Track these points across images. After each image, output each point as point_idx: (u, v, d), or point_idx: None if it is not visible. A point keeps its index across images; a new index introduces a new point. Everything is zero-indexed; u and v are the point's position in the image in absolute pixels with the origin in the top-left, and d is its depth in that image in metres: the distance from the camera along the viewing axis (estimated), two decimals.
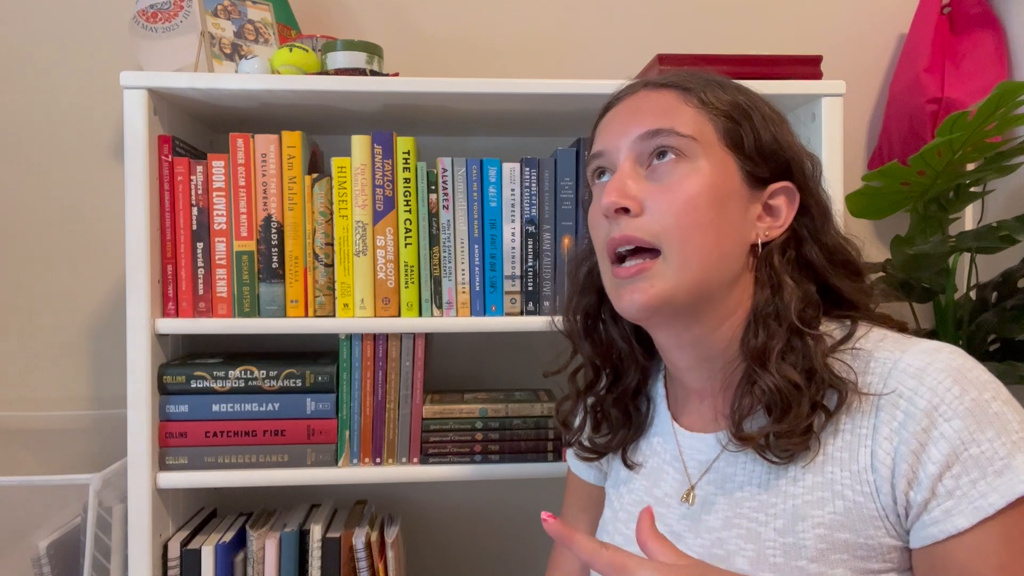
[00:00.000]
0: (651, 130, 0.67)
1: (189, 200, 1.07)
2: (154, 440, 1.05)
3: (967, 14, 1.35)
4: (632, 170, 0.68)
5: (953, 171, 1.14)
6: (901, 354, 0.62)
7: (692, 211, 0.65)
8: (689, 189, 0.65)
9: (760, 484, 0.66)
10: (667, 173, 0.66)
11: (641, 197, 0.66)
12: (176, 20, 1.18)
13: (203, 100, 1.11)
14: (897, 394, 0.60)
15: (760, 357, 0.65)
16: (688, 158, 0.66)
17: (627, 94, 0.73)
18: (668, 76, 0.72)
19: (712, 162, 0.67)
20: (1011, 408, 0.58)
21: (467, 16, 1.37)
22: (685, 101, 0.69)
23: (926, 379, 0.59)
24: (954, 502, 0.56)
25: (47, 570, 1.09)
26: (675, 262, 0.65)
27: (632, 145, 0.68)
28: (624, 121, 0.70)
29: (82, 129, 1.32)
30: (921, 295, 1.28)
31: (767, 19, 1.42)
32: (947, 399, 0.58)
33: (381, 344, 1.10)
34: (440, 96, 1.08)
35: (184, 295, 1.07)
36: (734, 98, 0.70)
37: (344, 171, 1.08)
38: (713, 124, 0.68)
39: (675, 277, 0.65)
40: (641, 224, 0.66)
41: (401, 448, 1.11)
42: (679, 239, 0.65)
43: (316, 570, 1.10)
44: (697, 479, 0.71)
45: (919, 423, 0.58)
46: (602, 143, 0.72)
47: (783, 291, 0.66)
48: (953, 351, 0.61)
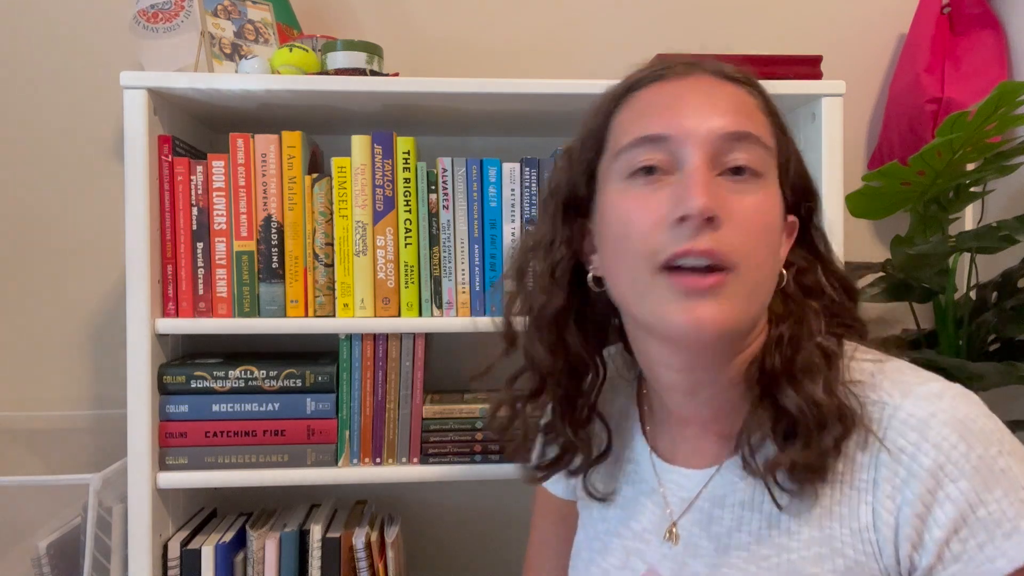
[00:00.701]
0: (739, 131, 0.58)
1: (189, 200, 1.07)
2: (154, 440, 1.05)
3: (967, 14, 1.35)
4: (712, 173, 0.58)
5: (953, 171, 1.14)
6: (902, 400, 0.57)
7: (767, 234, 0.59)
8: (768, 210, 0.59)
9: (752, 534, 0.61)
10: (747, 187, 0.59)
11: (724, 205, 0.57)
12: (176, 20, 1.18)
13: (203, 100, 1.11)
14: (899, 448, 0.56)
15: (788, 375, 0.60)
16: (764, 175, 0.60)
17: (679, 74, 0.62)
18: (732, 67, 0.63)
19: (774, 184, 0.61)
20: (1017, 458, 0.55)
21: (467, 16, 1.37)
22: (758, 105, 0.62)
23: (930, 434, 0.55)
24: (961, 566, 0.54)
25: (47, 570, 1.09)
26: (749, 285, 0.58)
27: (712, 140, 0.58)
28: (696, 103, 0.59)
29: (82, 129, 1.32)
30: (921, 295, 1.28)
31: (767, 19, 1.42)
32: (952, 457, 0.54)
33: (381, 344, 1.10)
34: (440, 96, 1.08)
35: (184, 295, 1.07)
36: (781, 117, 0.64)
37: (344, 171, 1.08)
38: (776, 140, 0.62)
39: (746, 300, 0.58)
40: (723, 238, 0.56)
41: (401, 448, 1.11)
42: (756, 263, 0.58)
43: (316, 570, 1.10)
44: (679, 515, 0.67)
45: (924, 484, 0.54)
46: (661, 125, 0.59)
47: (806, 316, 0.62)
48: (956, 396, 0.57)
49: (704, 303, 0.56)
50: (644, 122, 0.60)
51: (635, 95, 0.63)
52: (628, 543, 0.70)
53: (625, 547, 0.70)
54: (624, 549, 0.70)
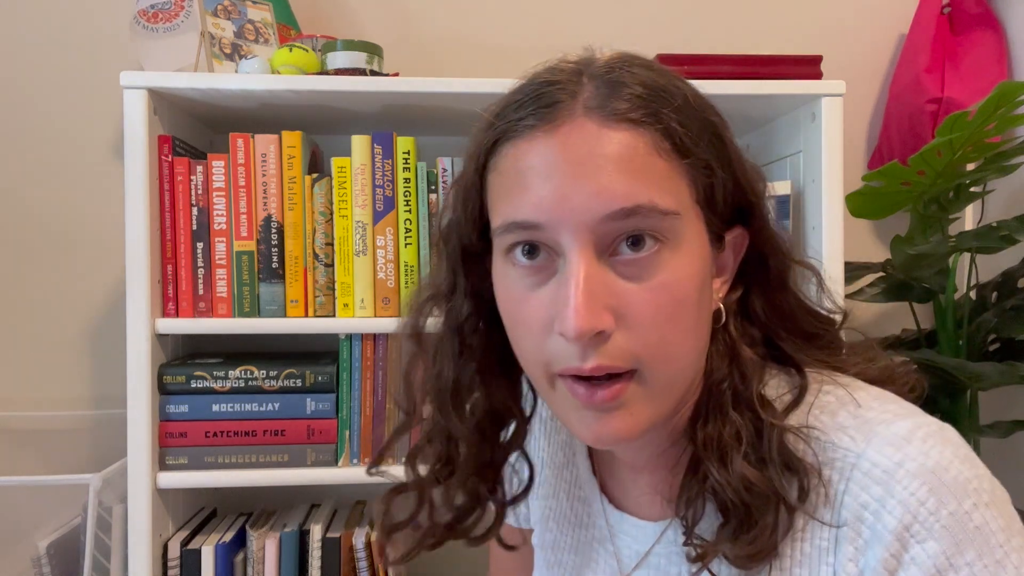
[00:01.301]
0: (623, 209, 0.47)
1: (189, 200, 1.07)
2: (154, 440, 1.05)
3: (967, 14, 1.35)
4: (596, 266, 0.48)
5: (953, 171, 1.14)
6: (865, 446, 0.50)
7: (680, 317, 0.49)
8: (677, 287, 0.49)
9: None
10: (646, 266, 0.49)
11: (615, 305, 0.48)
12: (176, 20, 1.18)
13: (203, 100, 1.11)
14: (861, 504, 0.49)
15: (713, 451, 0.53)
16: (670, 240, 0.49)
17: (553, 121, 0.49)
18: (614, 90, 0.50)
19: (691, 236, 0.50)
20: (995, 510, 0.47)
21: (467, 16, 1.37)
22: (655, 148, 0.49)
23: (895, 489, 0.48)
24: None
25: (47, 570, 1.09)
26: (660, 383, 0.50)
27: (592, 227, 0.48)
28: (569, 179, 0.48)
29: (82, 129, 1.32)
30: (921, 295, 1.28)
31: (767, 19, 1.42)
32: (920, 515, 0.47)
33: (381, 344, 1.10)
34: (440, 96, 1.08)
35: (184, 295, 1.07)
36: (710, 128, 0.52)
37: (344, 171, 1.08)
38: (690, 181, 0.50)
39: (657, 401, 0.51)
40: (618, 348, 0.48)
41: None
42: (665, 356, 0.50)
43: (316, 570, 1.10)
44: (631, 570, 0.61)
45: (888, 547, 0.47)
46: (532, 208, 0.49)
47: (742, 365, 0.54)
48: (926, 438, 0.49)
49: (607, 419, 0.50)
50: (515, 200, 0.50)
51: (505, 148, 0.52)
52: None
53: None
54: None
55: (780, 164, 1.20)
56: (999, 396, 1.29)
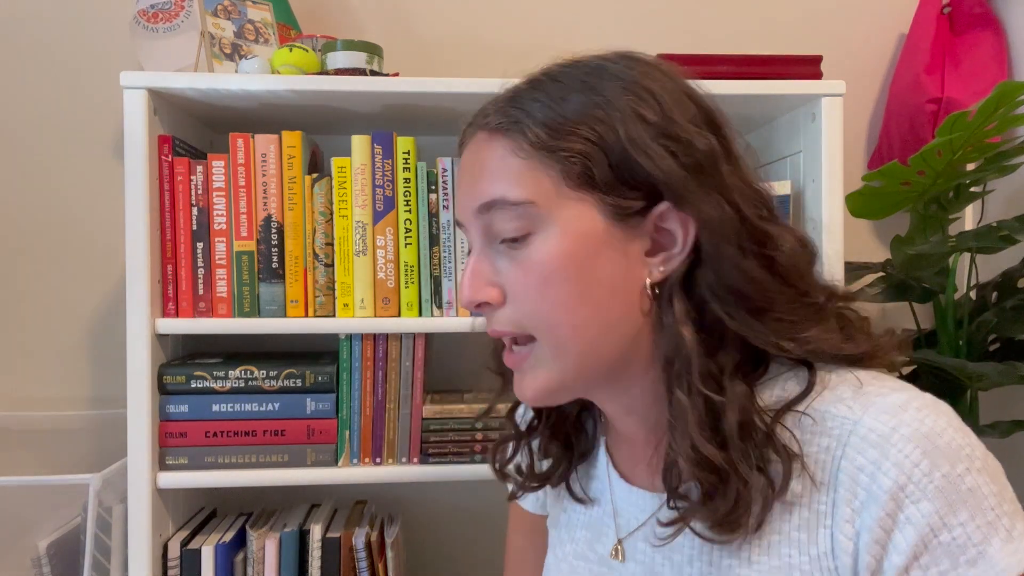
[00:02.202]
0: (484, 203, 0.58)
1: (189, 200, 1.07)
2: (154, 440, 1.05)
3: (967, 14, 1.35)
4: (484, 251, 0.60)
5: (953, 171, 1.14)
6: (862, 414, 0.53)
7: (551, 291, 0.56)
8: (544, 265, 0.56)
9: (711, 562, 0.59)
10: (519, 251, 0.58)
11: (501, 282, 0.59)
12: (176, 20, 1.18)
13: (203, 100, 1.11)
14: (857, 467, 0.52)
15: (674, 428, 0.56)
16: (536, 228, 0.57)
17: (469, 136, 0.64)
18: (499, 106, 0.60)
19: (562, 222, 0.56)
20: (986, 477, 0.51)
21: (467, 16, 1.37)
22: (515, 151, 0.57)
23: (890, 452, 0.51)
24: None
25: (47, 570, 1.09)
26: (550, 349, 0.58)
27: (474, 219, 0.60)
28: (463, 184, 0.62)
29: (82, 129, 1.32)
30: (921, 295, 1.28)
31: (767, 19, 1.42)
32: (915, 476, 0.50)
33: (381, 344, 1.10)
34: (440, 96, 1.08)
35: (184, 295, 1.07)
36: (581, 116, 0.56)
37: (344, 171, 1.08)
38: (554, 170, 0.56)
39: (556, 363, 0.58)
40: (506, 316, 0.59)
41: (401, 448, 1.11)
42: (546, 325, 0.57)
43: (316, 570, 1.10)
44: (627, 534, 0.66)
45: (883, 507, 0.50)
46: (456, 209, 0.64)
47: (683, 344, 0.55)
48: (921, 407, 0.52)
49: (519, 379, 0.61)
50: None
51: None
52: (594, 567, 0.69)
53: (591, 571, 0.69)
54: (590, 573, 0.69)
55: (780, 164, 1.20)
56: (999, 396, 1.29)
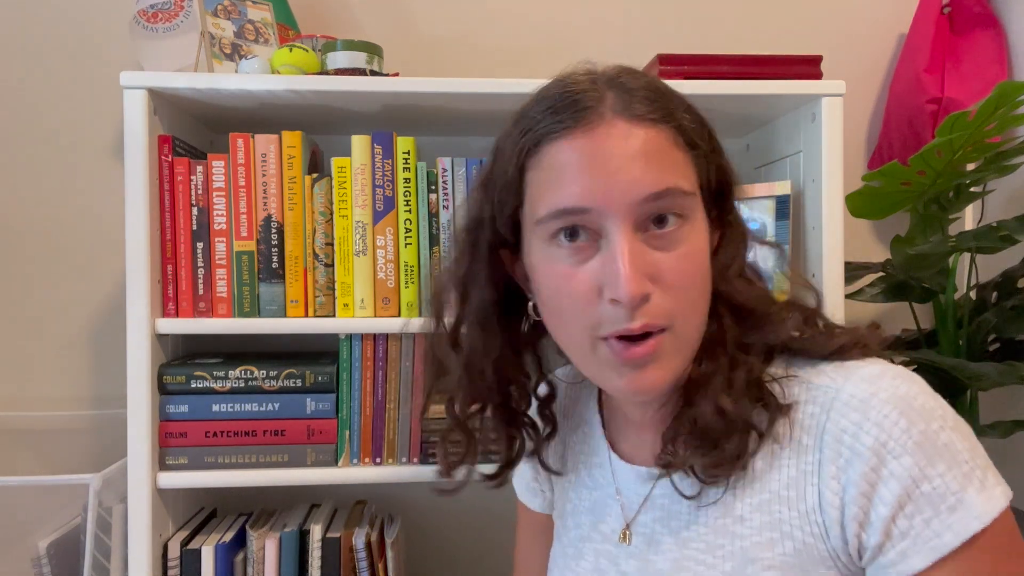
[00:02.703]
0: (658, 191, 0.57)
1: (189, 200, 1.07)
2: (154, 440, 1.05)
3: (967, 14, 1.35)
4: (636, 242, 0.57)
5: (953, 171, 1.14)
6: (844, 382, 0.59)
7: (700, 280, 0.60)
8: (696, 255, 0.60)
9: (706, 524, 0.63)
10: (671, 239, 0.58)
11: (652, 272, 0.58)
12: (176, 20, 1.18)
13: (203, 100, 1.11)
14: (841, 429, 0.57)
15: (701, 387, 0.62)
16: (688, 216, 0.59)
17: (590, 123, 0.58)
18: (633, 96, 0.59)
19: (700, 216, 0.61)
20: (959, 434, 0.55)
21: (467, 16, 1.37)
22: (674, 143, 0.59)
23: (870, 413, 0.56)
24: (909, 542, 0.54)
25: (47, 570, 1.09)
26: (684, 337, 0.60)
27: (632, 208, 0.57)
28: (613, 171, 0.57)
29: (82, 129, 1.32)
30: (921, 295, 1.28)
31: (767, 19, 1.42)
32: (894, 434, 0.55)
33: (381, 344, 1.10)
34: (440, 96, 1.08)
35: (184, 295, 1.07)
36: (707, 128, 0.62)
37: (344, 171, 1.08)
38: (696, 169, 0.61)
39: (683, 352, 0.61)
40: (657, 308, 0.58)
41: (401, 448, 1.11)
42: (691, 313, 0.60)
43: (316, 570, 1.10)
44: (633, 516, 0.69)
45: (867, 463, 0.55)
46: (579, 195, 0.57)
47: (722, 320, 0.63)
48: (896, 375, 0.58)
49: (644, 371, 0.59)
50: (560, 192, 0.58)
51: (546, 150, 0.60)
52: (599, 546, 0.71)
53: (596, 551, 0.72)
54: (595, 552, 0.72)
55: (780, 164, 1.20)
56: (999, 396, 1.29)
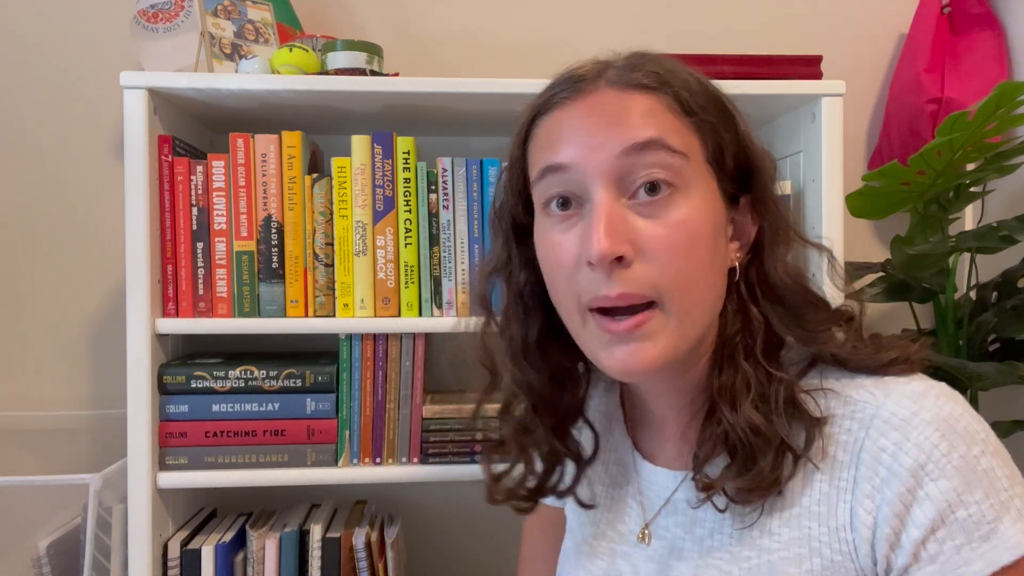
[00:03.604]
0: (638, 142, 0.55)
1: (189, 200, 1.07)
2: (154, 440, 1.05)
3: (967, 14, 1.35)
4: (616, 202, 0.56)
5: (953, 171, 1.14)
6: (884, 399, 0.56)
7: (694, 253, 0.56)
8: (689, 225, 0.56)
9: (732, 535, 0.61)
10: (661, 206, 0.56)
11: (634, 239, 0.55)
12: (176, 20, 1.18)
13: (203, 100, 1.11)
14: (880, 448, 0.55)
15: (726, 396, 0.59)
16: (681, 185, 0.56)
17: (580, 93, 0.59)
18: (635, 70, 0.58)
19: (701, 186, 0.58)
20: (1000, 460, 0.54)
21: (467, 16, 1.37)
22: (667, 107, 0.57)
23: (911, 433, 0.54)
24: (936, 567, 0.52)
25: (47, 570, 1.09)
26: (677, 314, 0.56)
27: (611, 163, 0.55)
28: (591, 128, 0.56)
29: (82, 129, 1.32)
30: (921, 295, 1.28)
31: (767, 19, 1.42)
32: (934, 456, 0.53)
33: (381, 344, 1.10)
34: (440, 96, 1.08)
35: (184, 295, 1.07)
36: (715, 98, 0.60)
37: (344, 171, 1.08)
38: (699, 137, 0.58)
39: (678, 331, 0.57)
40: (637, 276, 0.55)
41: (401, 448, 1.11)
42: (681, 286, 0.56)
43: (316, 570, 1.10)
44: (653, 517, 0.67)
45: (904, 483, 0.53)
46: (561, 154, 0.57)
47: (751, 323, 0.60)
48: (939, 394, 0.56)
49: (629, 348, 0.56)
50: (548, 152, 0.59)
51: (542, 120, 0.61)
52: (615, 546, 0.70)
53: (612, 550, 0.70)
54: (611, 552, 0.70)
55: (780, 164, 1.20)
56: (999, 396, 1.29)
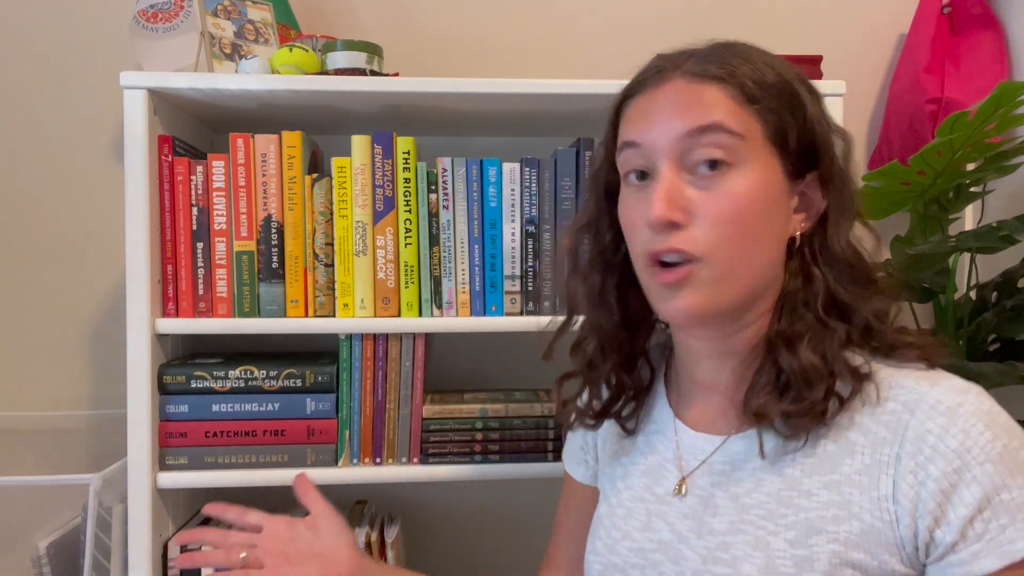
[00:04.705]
0: (698, 127, 0.63)
1: (189, 200, 1.07)
2: (154, 440, 1.05)
3: (967, 14, 1.35)
4: (677, 176, 0.64)
5: (953, 171, 1.14)
6: (930, 388, 0.62)
7: (740, 222, 0.63)
8: (739, 198, 0.63)
9: (771, 495, 0.65)
10: (716, 180, 0.63)
11: (688, 207, 0.64)
12: (176, 20, 1.18)
13: (203, 100, 1.11)
14: (926, 429, 0.60)
15: (786, 340, 0.65)
16: (737, 163, 0.64)
17: (660, 81, 0.67)
18: (707, 61, 0.66)
19: (759, 164, 0.64)
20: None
21: (467, 16, 1.37)
22: (731, 96, 0.64)
23: (957, 420, 0.59)
24: (982, 545, 0.57)
25: (47, 570, 1.09)
26: (719, 272, 0.64)
27: (675, 143, 0.64)
28: (664, 113, 0.65)
29: (82, 129, 1.32)
30: (921, 295, 1.28)
31: (767, 19, 1.42)
32: (980, 443, 0.58)
33: (381, 344, 1.10)
34: (440, 96, 1.08)
35: (184, 295, 1.07)
36: (782, 86, 0.66)
37: (344, 171, 1.08)
38: (761, 121, 0.65)
39: (718, 286, 0.64)
40: (688, 237, 0.63)
41: (401, 448, 1.11)
42: (725, 251, 0.63)
43: None
44: (689, 472, 0.71)
45: (950, 463, 0.58)
46: (637, 133, 0.67)
47: (813, 282, 0.66)
48: (980, 393, 0.62)
49: (674, 295, 0.65)
50: (628, 130, 0.68)
51: (629, 102, 0.70)
52: (651, 506, 0.73)
53: (648, 510, 0.73)
54: (647, 512, 0.73)
55: None
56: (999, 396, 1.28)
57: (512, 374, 1.35)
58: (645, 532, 0.72)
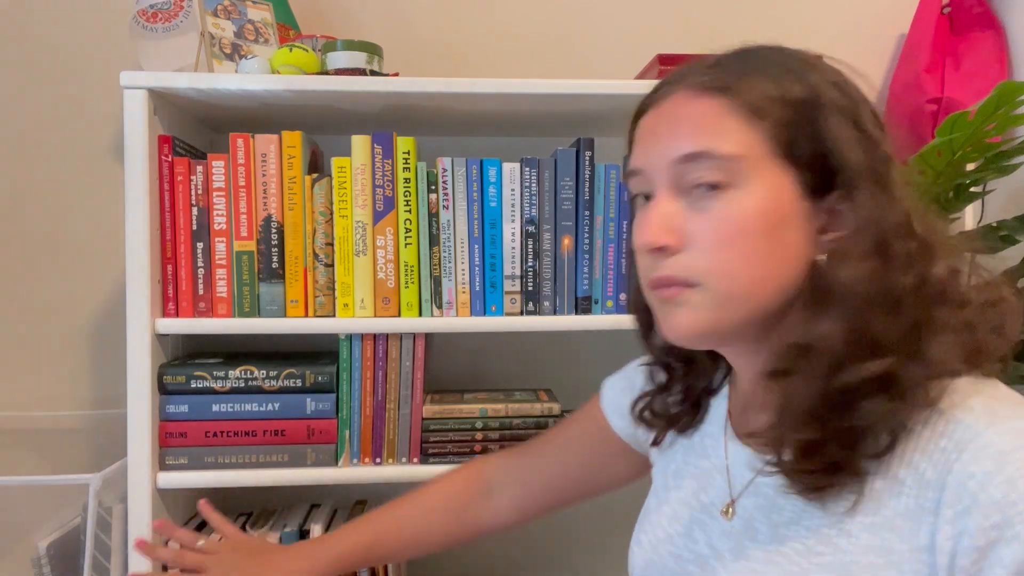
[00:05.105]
0: (688, 154, 0.60)
1: (189, 200, 1.07)
2: (154, 440, 1.05)
3: (967, 14, 1.35)
4: (671, 200, 0.62)
5: (953, 171, 1.14)
6: (987, 427, 0.54)
7: (738, 244, 0.59)
8: (738, 220, 0.59)
9: (811, 529, 0.61)
10: (712, 202, 0.60)
11: (682, 230, 0.61)
12: (176, 20, 1.18)
13: (203, 100, 1.11)
14: (969, 473, 0.53)
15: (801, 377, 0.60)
16: (736, 183, 0.59)
17: (664, 95, 0.65)
18: (712, 73, 0.63)
19: (764, 183, 0.60)
20: None
21: (467, 16, 1.37)
22: (731, 111, 0.60)
23: (1006, 467, 0.52)
24: None
25: (47, 570, 1.09)
26: (719, 296, 0.60)
27: (669, 168, 0.62)
28: (660, 136, 0.63)
29: (82, 129, 1.32)
30: None
31: (767, 19, 1.42)
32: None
33: (381, 344, 1.10)
34: (440, 96, 1.08)
35: (184, 295, 1.07)
36: (798, 99, 0.61)
37: (344, 171, 1.08)
38: (769, 136, 0.60)
39: (719, 308, 0.60)
40: (681, 263, 0.61)
41: (401, 448, 1.11)
42: (724, 273, 0.60)
43: None
44: (739, 494, 0.69)
45: (988, 517, 0.51)
46: (639, 159, 0.65)
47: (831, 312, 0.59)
48: None
49: (672, 311, 0.62)
50: (633, 153, 0.67)
51: (638, 123, 0.68)
52: (695, 514, 0.72)
53: (692, 517, 0.72)
54: (690, 519, 0.72)
55: None
56: None
57: (512, 374, 1.35)
58: (685, 539, 0.72)
